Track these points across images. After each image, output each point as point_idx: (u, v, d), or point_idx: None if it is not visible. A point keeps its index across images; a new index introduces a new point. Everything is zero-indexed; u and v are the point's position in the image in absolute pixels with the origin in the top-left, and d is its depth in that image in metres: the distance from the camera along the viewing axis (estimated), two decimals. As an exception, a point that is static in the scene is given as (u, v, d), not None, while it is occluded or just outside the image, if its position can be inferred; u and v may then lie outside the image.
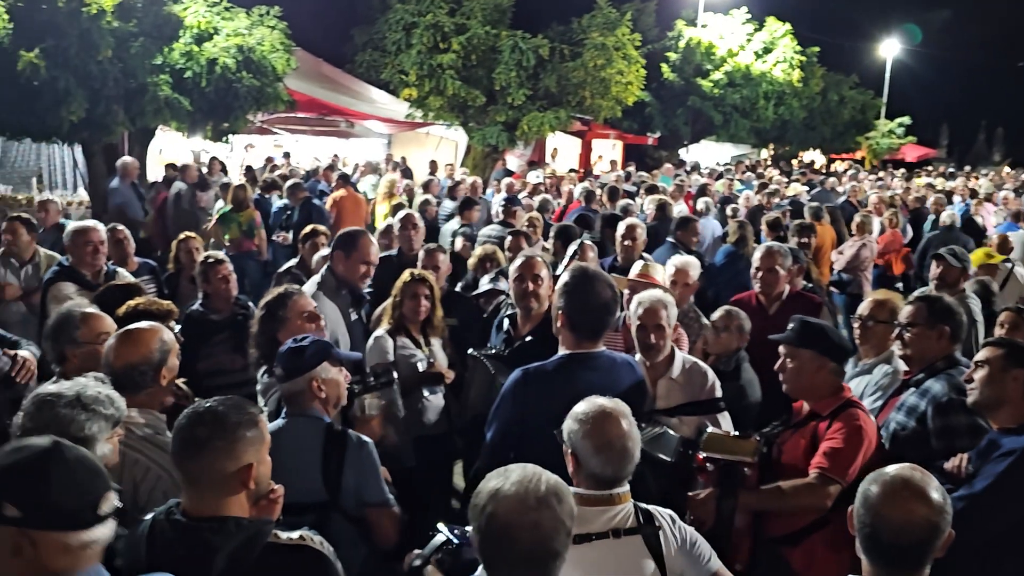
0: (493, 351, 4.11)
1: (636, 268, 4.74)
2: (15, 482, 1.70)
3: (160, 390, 2.91)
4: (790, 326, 3.35)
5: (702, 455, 3.08)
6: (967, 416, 3.19)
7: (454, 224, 8.64)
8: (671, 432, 3.27)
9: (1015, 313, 4.84)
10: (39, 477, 1.70)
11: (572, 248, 5.58)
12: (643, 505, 2.46)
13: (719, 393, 3.72)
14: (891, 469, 2.06)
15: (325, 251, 5.31)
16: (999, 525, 2.81)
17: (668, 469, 3.16)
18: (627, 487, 2.44)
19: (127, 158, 10.15)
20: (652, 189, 11.60)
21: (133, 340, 2.91)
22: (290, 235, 9.13)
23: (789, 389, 3.31)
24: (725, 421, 3.65)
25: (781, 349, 3.33)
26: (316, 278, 4.51)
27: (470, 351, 4.16)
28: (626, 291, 4.44)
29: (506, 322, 4.32)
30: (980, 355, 3.06)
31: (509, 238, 6.24)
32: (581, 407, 2.47)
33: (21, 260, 5.72)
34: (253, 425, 2.18)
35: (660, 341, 3.66)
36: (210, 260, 4.95)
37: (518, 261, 4.39)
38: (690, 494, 3.10)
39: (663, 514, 2.46)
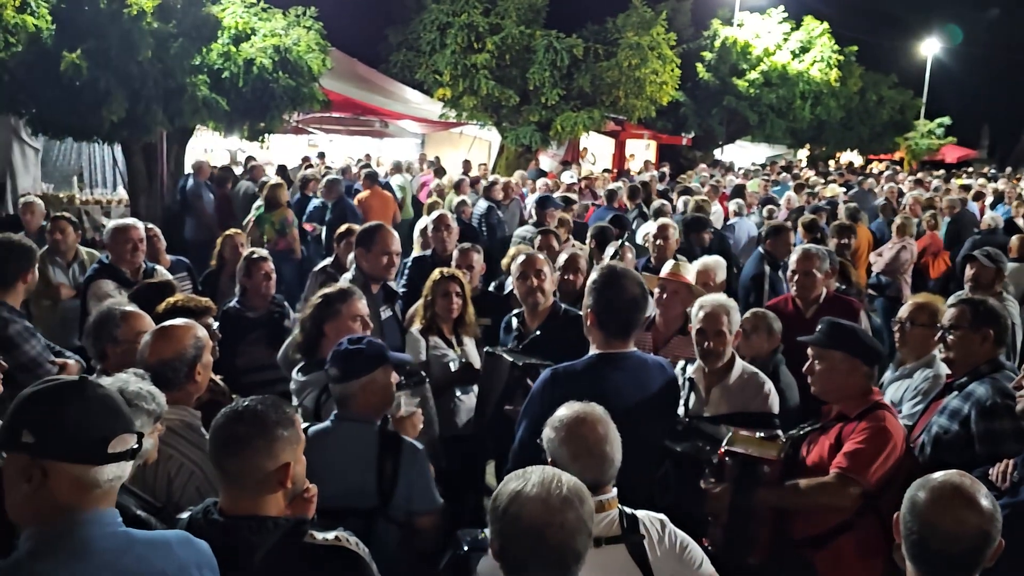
0: (509, 347, 4.13)
1: (667, 267, 4.71)
2: (35, 409, 1.75)
3: (195, 386, 2.93)
4: (819, 327, 3.30)
5: (723, 448, 3.05)
6: (1012, 421, 3.11)
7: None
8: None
9: None
10: (57, 406, 1.74)
11: (610, 250, 5.55)
12: (628, 511, 2.43)
13: (775, 408, 3.66)
14: (939, 475, 2.01)
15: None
16: None
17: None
18: (614, 493, 2.42)
19: (201, 159, 10.39)
20: (687, 191, 11.49)
21: (167, 336, 2.94)
22: (323, 227, 9.20)
23: (817, 391, 3.27)
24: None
25: (810, 351, 3.29)
26: (347, 275, 4.59)
27: (486, 349, 4.16)
28: (655, 290, 4.42)
29: (514, 321, 4.36)
30: None
31: (539, 237, 6.25)
32: (558, 413, 2.45)
33: (66, 259, 5.81)
34: (291, 424, 2.18)
35: (720, 347, 3.62)
36: (254, 256, 5.00)
37: (519, 259, 4.44)
38: (703, 486, 3.07)
39: (651, 520, 2.43)
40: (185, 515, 2.20)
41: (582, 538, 1.87)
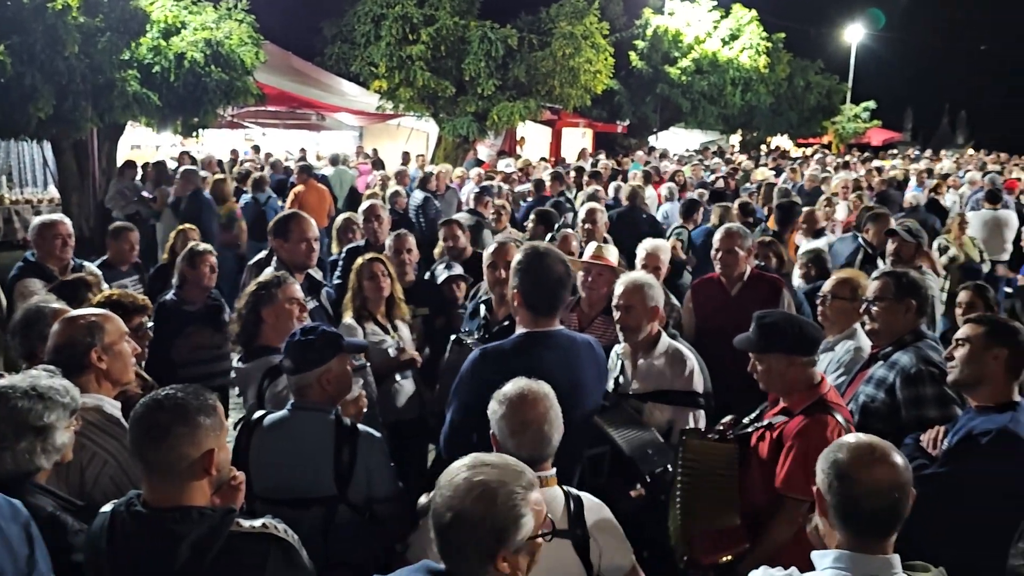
0: (476, 336, 4.13)
1: (590, 250, 4.74)
2: None
3: (98, 373, 2.84)
4: (750, 330, 3.22)
5: (712, 556, 2.94)
6: (934, 387, 3.25)
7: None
8: (650, 437, 3.29)
9: (973, 291, 4.94)
10: None
11: (550, 236, 5.69)
12: (574, 494, 2.46)
13: (699, 386, 3.71)
14: (850, 438, 2.08)
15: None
16: (966, 506, 2.78)
17: (634, 472, 3.19)
18: (553, 471, 2.47)
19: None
20: (615, 175, 11.71)
21: (59, 325, 2.90)
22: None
23: (765, 389, 3.24)
24: (700, 418, 3.66)
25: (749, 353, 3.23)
26: (269, 269, 4.50)
27: (453, 336, 4.19)
28: (580, 272, 4.49)
29: (482, 308, 4.36)
30: (961, 333, 3.01)
31: (442, 228, 6.18)
32: (505, 388, 2.49)
33: None
34: (213, 411, 2.16)
35: (631, 321, 3.69)
36: (199, 248, 5.03)
37: (491, 248, 4.47)
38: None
39: (592, 506, 2.47)
40: (107, 508, 2.15)
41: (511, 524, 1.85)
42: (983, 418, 2.85)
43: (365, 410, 3.34)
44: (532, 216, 7.13)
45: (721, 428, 3.23)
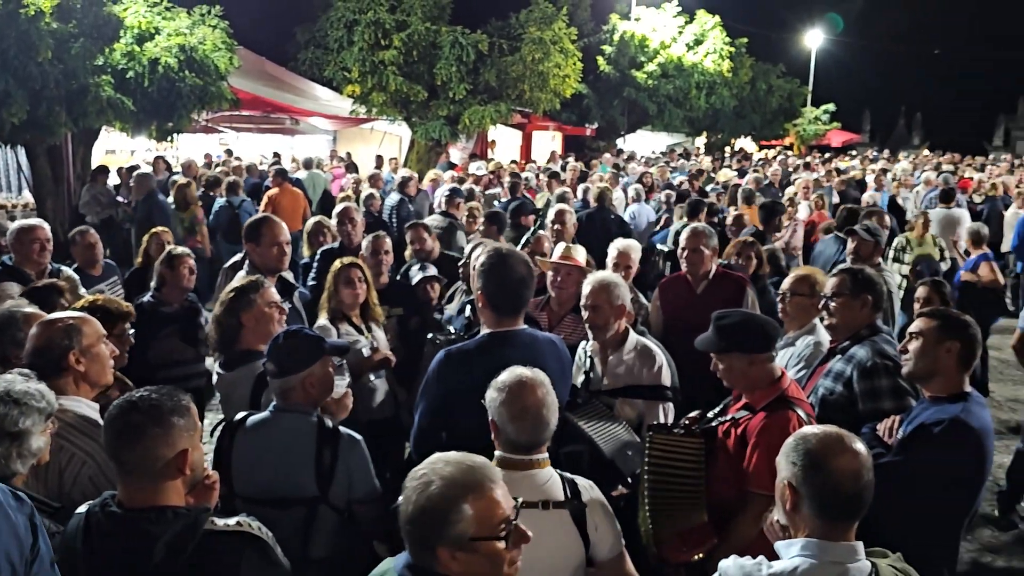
0: (453, 336, 4.15)
1: (558, 250, 4.79)
2: None
3: (76, 375, 2.83)
4: (709, 331, 3.28)
5: (683, 555, 2.97)
6: (889, 379, 3.35)
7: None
8: (628, 438, 3.38)
9: (930, 287, 5.20)
10: None
11: (525, 237, 5.81)
12: (568, 476, 2.52)
13: (667, 380, 3.77)
14: (813, 430, 2.13)
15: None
16: (920, 493, 2.82)
17: (604, 462, 3.25)
18: (547, 454, 2.52)
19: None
20: (584, 177, 11.92)
21: (36, 328, 2.89)
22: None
23: (728, 387, 3.30)
24: (670, 411, 3.72)
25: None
26: (241, 273, 4.53)
27: (430, 335, 4.27)
28: (549, 273, 4.60)
29: (467, 308, 4.41)
30: (914, 326, 3.06)
31: (409, 231, 6.24)
32: (502, 376, 2.53)
33: None
34: (186, 412, 2.16)
35: (598, 320, 3.76)
36: (177, 251, 5.07)
37: (477, 251, 4.47)
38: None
39: (587, 486, 2.53)
40: (83, 509, 2.15)
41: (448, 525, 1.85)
42: (936, 408, 2.90)
43: (350, 407, 3.37)
44: (483, 217, 7.23)
45: (687, 422, 3.28)
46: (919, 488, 2.81)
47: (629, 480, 3.29)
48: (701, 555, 2.95)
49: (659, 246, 7.12)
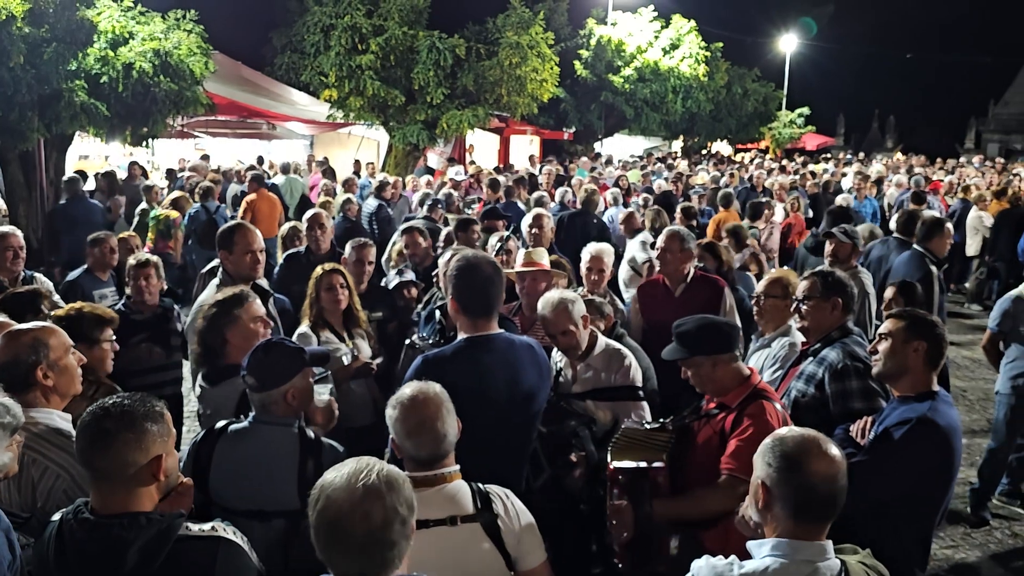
0: (430, 341, 4.16)
1: (521, 256, 4.78)
2: None
3: (44, 389, 2.80)
4: (673, 342, 3.33)
5: (613, 466, 3.10)
6: (859, 380, 3.39)
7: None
8: (582, 433, 3.45)
9: (897, 288, 5.27)
10: None
11: (499, 245, 5.73)
12: (481, 487, 2.48)
13: (638, 380, 3.80)
14: (790, 432, 2.15)
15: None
16: (891, 491, 2.85)
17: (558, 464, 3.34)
18: (456, 467, 2.49)
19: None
20: (561, 181, 11.92)
21: (5, 339, 2.85)
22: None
23: (702, 392, 3.34)
24: (644, 409, 3.74)
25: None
26: (214, 281, 4.51)
27: (408, 341, 4.26)
28: (516, 281, 4.61)
29: (437, 313, 4.40)
30: (883, 327, 3.10)
31: (404, 236, 6.29)
32: (397, 394, 2.51)
33: None
34: (160, 417, 2.16)
35: (573, 340, 3.78)
36: (139, 261, 5.03)
37: (447, 255, 4.54)
38: (610, 503, 3.14)
39: (502, 495, 2.49)
40: (56, 517, 2.12)
41: (394, 527, 1.84)
42: (905, 407, 2.95)
43: (336, 415, 3.35)
44: (452, 223, 7.19)
45: (662, 421, 3.36)
46: (889, 486, 2.85)
47: (577, 439, 3.36)
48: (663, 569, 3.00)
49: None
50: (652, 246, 6.19)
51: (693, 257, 5.15)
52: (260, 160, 15.77)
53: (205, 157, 16.33)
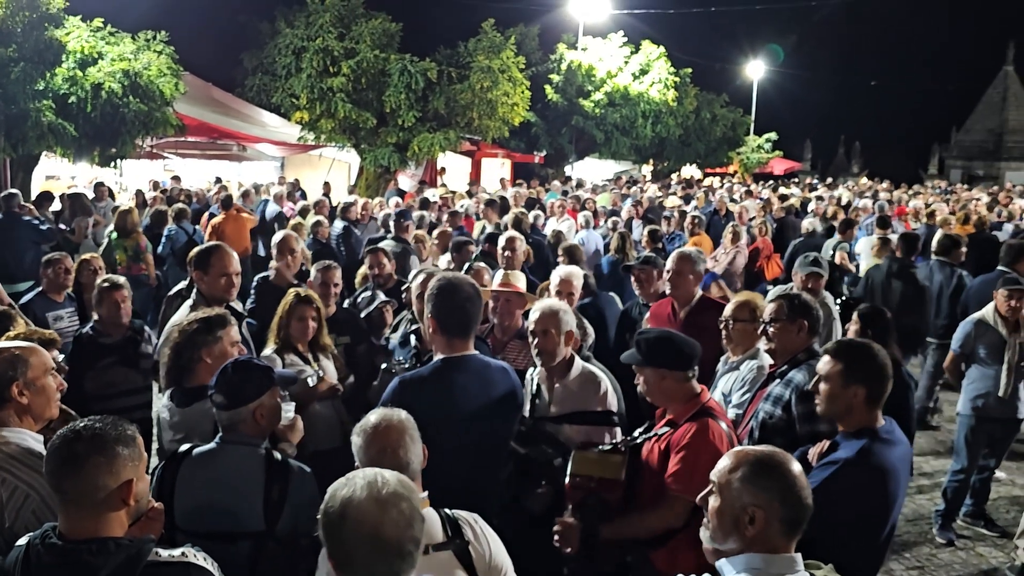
0: (406, 365, 4.17)
1: (498, 278, 4.82)
2: None
3: (17, 407, 2.75)
4: (633, 347, 3.40)
5: (569, 479, 3.16)
6: None
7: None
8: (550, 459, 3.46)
9: (860, 316, 5.34)
10: None
11: (466, 266, 5.74)
12: (449, 513, 2.47)
13: (613, 406, 3.80)
14: (759, 449, 2.17)
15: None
16: (832, 521, 2.87)
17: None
18: (424, 494, 2.47)
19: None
20: (531, 204, 11.99)
21: None
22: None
23: (647, 400, 3.41)
24: (617, 436, 3.69)
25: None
26: (188, 302, 4.46)
27: (383, 365, 4.26)
28: (490, 301, 4.62)
29: (412, 338, 4.39)
30: (821, 367, 3.08)
31: (368, 256, 6.27)
32: (363, 421, 2.50)
33: None
34: (131, 441, 2.13)
35: (546, 345, 3.77)
36: (106, 284, 4.91)
37: (419, 278, 4.54)
38: (557, 519, 3.19)
39: (469, 521, 2.48)
40: (23, 541, 2.08)
41: (417, 524, 1.89)
42: (845, 443, 2.95)
43: (301, 433, 3.33)
44: (451, 245, 7.27)
45: (615, 443, 3.38)
46: (828, 516, 2.84)
47: (546, 473, 3.38)
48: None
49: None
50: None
51: (699, 279, 5.16)
52: (218, 180, 15.61)
53: (176, 178, 16.18)
